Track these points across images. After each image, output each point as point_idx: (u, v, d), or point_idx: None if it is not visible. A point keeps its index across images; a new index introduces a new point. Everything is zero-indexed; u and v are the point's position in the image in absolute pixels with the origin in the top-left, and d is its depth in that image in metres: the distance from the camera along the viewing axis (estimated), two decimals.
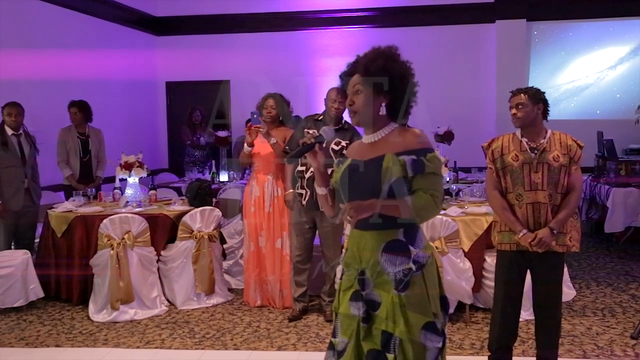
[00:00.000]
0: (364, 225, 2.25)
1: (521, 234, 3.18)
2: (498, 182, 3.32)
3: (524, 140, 3.26)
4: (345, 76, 2.35)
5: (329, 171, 2.46)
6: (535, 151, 3.22)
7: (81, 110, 6.18)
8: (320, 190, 2.42)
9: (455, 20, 8.33)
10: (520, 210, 3.22)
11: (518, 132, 3.33)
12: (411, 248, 2.20)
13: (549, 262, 3.22)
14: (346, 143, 4.40)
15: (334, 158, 4.48)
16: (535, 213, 3.19)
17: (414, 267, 2.17)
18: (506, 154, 3.28)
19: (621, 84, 8.07)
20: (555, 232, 3.16)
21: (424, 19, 8.25)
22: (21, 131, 5.37)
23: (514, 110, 3.24)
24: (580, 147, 3.26)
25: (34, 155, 5.50)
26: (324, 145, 2.34)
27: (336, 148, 4.47)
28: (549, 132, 3.28)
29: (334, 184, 2.39)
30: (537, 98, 3.26)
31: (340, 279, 2.38)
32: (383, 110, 2.25)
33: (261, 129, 4.72)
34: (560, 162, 3.18)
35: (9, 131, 5.27)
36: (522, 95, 3.24)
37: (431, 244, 2.46)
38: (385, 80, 2.22)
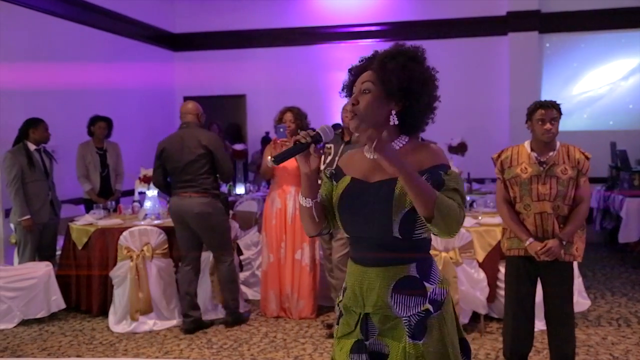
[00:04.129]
0: (367, 261, 1.88)
1: (527, 243, 3.26)
2: (507, 193, 3.38)
3: (533, 154, 3.31)
4: (356, 71, 1.96)
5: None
6: (544, 165, 3.27)
7: (108, 125, 6.37)
8: (305, 202, 1.96)
9: (468, 33, 8.42)
10: (528, 219, 3.29)
11: (527, 143, 3.39)
12: (426, 284, 1.83)
13: (557, 271, 3.27)
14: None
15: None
16: (544, 222, 3.25)
17: (431, 308, 1.81)
18: (515, 165, 3.34)
19: (634, 94, 8.08)
20: (564, 242, 3.22)
21: (437, 32, 8.35)
22: (41, 145, 5.51)
23: (548, 125, 3.23)
24: (588, 158, 3.32)
25: (52, 168, 5.65)
26: (323, 148, 1.96)
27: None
28: (558, 144, 3.33)
29: (325, 201, 2.00)
30: (560, 112, 3.32)
31: (337, 324, 1.99)
32: (393, 120, 1.85)
33: (287, 143, 4.80)
34: (568, 174, 3.24)
35: (32, 146, 5.41)
36: (554, 109, 3.27)
37: (446, 277, 2.06)
38: (403, 83, 1.81)
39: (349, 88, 1.99)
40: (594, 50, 8.21)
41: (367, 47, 8.70)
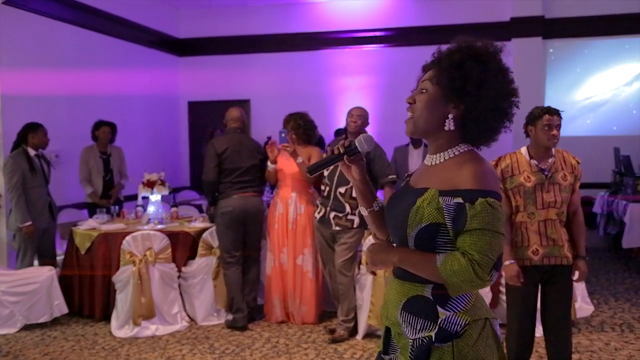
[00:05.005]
0: (394, 270, 1.78)
1: (506, 263, 3.21)
2: (507, 205, 3.27)
3: (533, 162, 3.26)
4: (425, 68, 1.80)
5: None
6: (546, 172, 3.23)
7: (112, 130, 6.40)
8: (362, 211, 1.94)
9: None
10: (532, 227, 3.23)
11: (524, 150, 3.33)
12: (440, 310, 1.64)
13: (560, 275, 3.26)
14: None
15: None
16: (548, 229, 3.22)
17: (433, 337, 1.63)
18: (517, 174, 3.26)
19: (637, 100, 8.06)
20: (586, 258, 3.27)
21: (441, 38, 8.14)
22: (40, 151, 5.51)
23: (554, 132, 3.20)
24: (579, 163, 3.32)
25: (50, 173, 5.65)
26: (362, 157, 1.89)
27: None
28: (553, 150, 3.30)
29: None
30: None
31: None
32: (450, 125, 1.68)
33: (288, 148, 4.79)
34: (568, 181, 3.23)
35: (31, 152, 5.40)
36: (559, 116, 3.24)
37: (486, 306, 1.74)
38: (457, 83, 1.65)
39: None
40: (598, 56, 8.20)
41: (371, 53, 8.84)
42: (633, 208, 6.28)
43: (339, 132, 7.06)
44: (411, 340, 1.67)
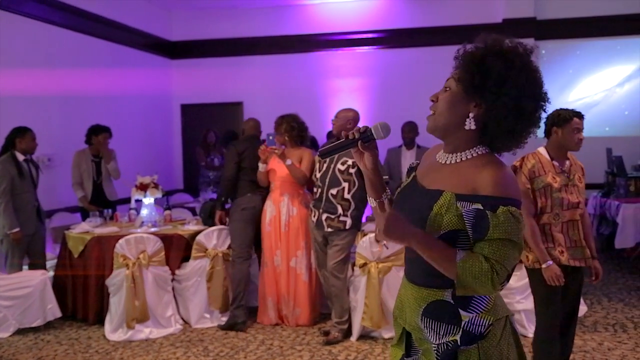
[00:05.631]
0: (408, 274, 1.76)
1: (545, 265, 3.14)
2: (533, 204, 3.21)
3: (555, 163, 3.24)
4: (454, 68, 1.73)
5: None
6: (567, 174, 3.24)
7: (110, 136, 6.35)
8: (370, 202, 1.90)
9: (465, 40, 8.40)
10: (556, 228, 3.20)
11: (543, 151, 3.29)
12: (462, 313, 1.63)
13: (579, 277, 3.30)
14: (353, 162, 4.50)
15: (341, 179, 4.58)
16: (571, 230, 3.21)
17: (459, 340, 1.61)
18: (543, 174, 3.21)
19: (629, 101, 8.11)
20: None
21: (434, 40, 8.36)
22: (28, 155, 5.45)
23: (582, 135, 3.19)
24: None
25: (39, 177, 5.59)
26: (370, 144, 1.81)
27: (342, 168, 4.58)
28: (568, 153, 3.31)
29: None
30: None
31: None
32: (471, 124, 1.62)
33: (276, 151, 4.81)
34: (582, 183, 3.30)
35: (20, 157, 5.34)
36: (583, 119, 3.25)
37: (504, 304, 1.72)
38: (476, 80, 1.60)
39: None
40: (590, 57, 8.25)
41: (363, 55, 8.85)
42: (625, 209, 6.31)
43: (331, 135, 7.06)
44: (435, 345, 1.65)
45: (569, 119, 3.19)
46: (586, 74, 8.25)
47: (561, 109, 3.29)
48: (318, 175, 4.72)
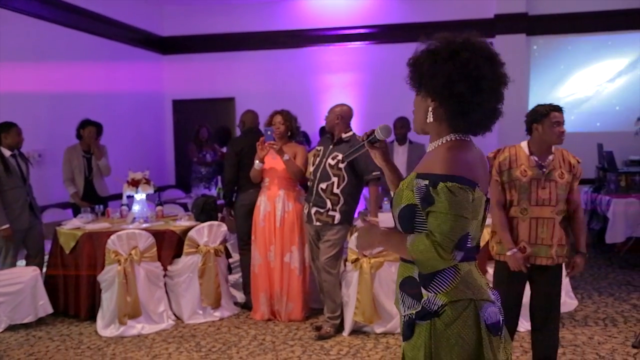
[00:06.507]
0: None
1: (510, 252, 3.23)
2: (502, 195, 3.31)
3: (533, 157, 3.27)
4: None
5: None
6: (544, 169, 3.24)
7: (98, 130, 6.34)
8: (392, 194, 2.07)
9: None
10: (523, 223, 3.24)
11: (524, 145, 3.33)
12: (423, 290, 1.80)
13: (549, 273, 3.27)
14: (342, 156, 4.51)
15: (330, 174, 4.59)
16: (539, 228, 3.23)
17: (414, 315, 1.81)
18: (514, 167, 3.27)
19: (620, 96, 8.15)
20: (586, 255, 3.29)
21: (425, 35, 8.37)
22: (16, 150, 5.40)
23: (562, 128, 3.21)
24: (579, 163, 3.33)
25: (29, 172, 5.57)
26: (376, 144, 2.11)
27: (332, 162, 4.59)
28: (553, 148, 3.30)
29: None
30: None
31: None
32: (430, 117, 1.84)
33: (275, 146, 4.80)
34: (565, 179, 3.24)
35: (6, 152, 5.29)
36: (562, 113, 3.26)
37: (476, 289, 1.82)
38: (414, 79, 1.87)
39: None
40: (581, 53, 8.28)
41: (355, 50, 8.84)
42: (616, 204, 6.34)
43: (324, 130, 7.06)
44: (403, 316, 1.87)
45: (546, 113, 3.23)
46: (577, 70, 8.29)
47: (539, 104, 3.31)
48: (310, 169, 4.75)
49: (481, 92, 1.75)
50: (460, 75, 1.73)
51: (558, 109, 3.26)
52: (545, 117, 3.22)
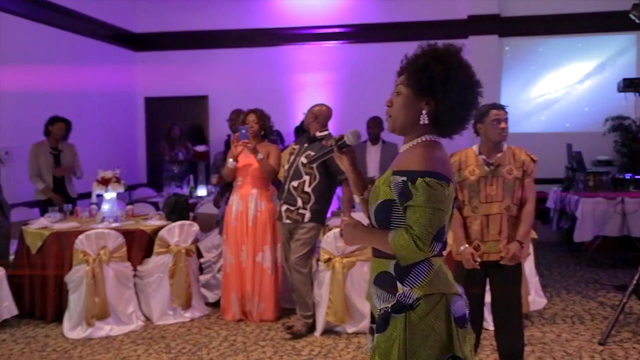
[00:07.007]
0: (373, 249, 2.01)
1: (461, 249, 3.29)
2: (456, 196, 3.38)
3: (481, 157, 3.35)
4: (398, 73, 2.01)
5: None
6: (491, 166, 3.32)
7: (67, 127, 6.24)
8: (355, 199, 2.17)
9: (430, 36, 8.24)
10: (475, 222, 3.31)
11: (475, 147, 3.42)
12: (398, 285, 1.87)
13: (506, 272, 3.31)
14: (307, 161, 4.51)
15: (302, 172, 4.59)
16: (490, 224, 3.29)
17: (389, 308, 1.87)
18: (464, 168, 3.36)
19: (589, 97, 8.28)
20: (523, 245, 3.27)
21: (400, 35, 8.38)
22: None
23: (503, 124, 3.27)
24: (534, 161, 3.38)
25: (0, 171, 5.46)
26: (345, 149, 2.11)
27: (304, 161, 4.59)
28: (505, 146, 3.37)
29: None
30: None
31: None
32: (424, 119, 1.91)
33: (249, 145, 4.78)
34: (514, 175, 3.30)
35: None
36: (504, 110, 3.32)
37: (448, 283, 1.92)
38: (424, 83, 1.89)
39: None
40: (552, 54, 8.39)
41: (330, 49, 8.83)
42: (584, 203, 6.43)
43: (299, 130, 7.04)
44: (378, 310, 1.92)
45: (485, 112, 3.30)
46: (548, 71, 8.39)
47: (481, 105, 3.35)
48: (286, 166, 4.74)
49: (477, 99, 1.94)
50: (469, 83, 1.90)
51: (498, 106, 3.33)
52: (486, 115, 3.30)
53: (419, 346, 1.81)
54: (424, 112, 1.91)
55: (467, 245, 3.29)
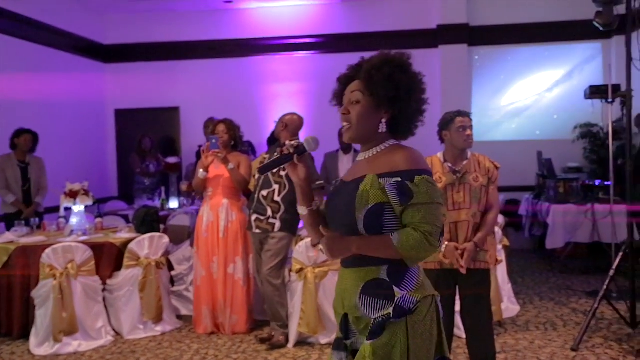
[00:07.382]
0: (344, 261, 1.94)
1: (443, 246, 3.26)
2: None
3: (447, 164, 3.36)
4: (344, 80, 2.00)
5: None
6: (458, 173, 3.33)
7: (34, 139, 6.14)
8: (301, 210, 2.05)
9: (400, 45, 8.27)
10: (444, 229, 3.28)
11: (440, 154, 3.43)
12: (395, 289, 1.84)
13: (474, 278, 3.31)
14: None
15: (272, 181, 4.56)
16: (458, 230, 3.30)
17: (392, 313, 1.81)
18: None
19: (558, 105, 8.39)
20: (478, 248, 3.27)
21: (370, 45, 8.33)
22: None
23: (469, 131, 3.29)
24: (497, 168, 3.40)
25: None
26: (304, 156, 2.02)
27: (274, 170, 4.54)
28: (469, 154, 3.39)
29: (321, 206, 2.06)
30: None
31: None
32: (383, 127, 1.92)
33: (220, 154, 4.74)
34: (480, 182, 3.32)
35: None
36: (469, 118, 3.34)
37: (430, 284, 1.96)
38: (390, 93, 1.88)
39: (338, 97, 2.02)
40: (520, 63, 8.49)
41: (301, 60, 8.82)
42: (555, 210, 6.49)
43: (272, 140, 7.01)
44: (372, 320, 1.84)
45: (450, 119, 3.32)
46: (517, 79, 8.49)
47: (446, 112, 3.38)
48: (256, 176, 4.70)
49: (423, 101, 1.97)
50: (423, 90, 1.96)
51: (463, 114, 3.35)
52: (451, 123, 3.31)
53: (420, 349, 1.82)
54: (383, 120, 1.93)
55: (447, 243, 3.28)
